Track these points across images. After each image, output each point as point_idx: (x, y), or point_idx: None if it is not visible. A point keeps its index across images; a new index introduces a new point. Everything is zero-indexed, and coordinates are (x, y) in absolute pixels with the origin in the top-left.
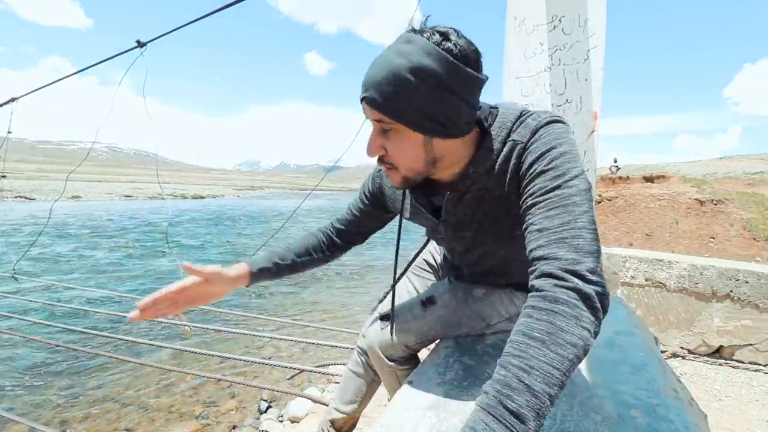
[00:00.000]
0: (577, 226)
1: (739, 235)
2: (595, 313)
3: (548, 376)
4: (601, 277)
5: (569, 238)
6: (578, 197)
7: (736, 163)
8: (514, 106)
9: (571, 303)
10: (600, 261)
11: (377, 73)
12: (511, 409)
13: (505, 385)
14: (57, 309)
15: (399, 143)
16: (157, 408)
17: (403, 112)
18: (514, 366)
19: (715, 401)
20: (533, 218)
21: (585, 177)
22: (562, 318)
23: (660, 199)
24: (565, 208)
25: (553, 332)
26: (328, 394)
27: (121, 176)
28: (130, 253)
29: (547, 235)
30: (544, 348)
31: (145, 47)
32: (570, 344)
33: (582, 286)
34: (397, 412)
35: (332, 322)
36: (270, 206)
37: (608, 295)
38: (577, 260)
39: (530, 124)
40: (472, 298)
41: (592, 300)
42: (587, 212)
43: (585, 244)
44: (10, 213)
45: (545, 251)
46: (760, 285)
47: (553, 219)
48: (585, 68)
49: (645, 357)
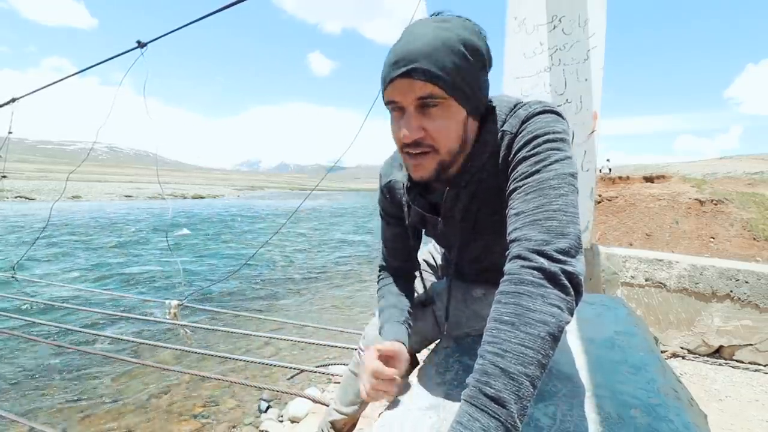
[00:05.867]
0: (552, 209)
1: (739, 235)
2: (564, 290)
3: (522, 357)
4: (572, 257)
5: (542, 219)
6: (556, 181)
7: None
8: (508, 98)
9: (536, 282)
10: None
11: (424, 45)
12: (490, 395)
13: (482, 372)
14: (57, 309)
15: (444, 120)
16: (157, 408)
17: (458, 84)
18: (488, 353)
19: (715, 401)
20: (513, 202)
21: (569, 162)
22: (528, 298)
23: (660, 199)
24: (541, 192)
25: (521, 313)
26: (328, 394)
27: (121, 176)
28: (130, 253)
29: (522, 218)
30: (514, 330)
31: (145, 47)
32: (540, 322)
33: (547, 265)
34: (397, 412)
35: (332, 322)
36: (270, 206)
37: (579, 274)
38: (547, 241)
39: (521, 115)
40: (472, 298)
41: (557, 277)
42: (564, 195)
43: (557, 225)
44: (11, 213)
45: (519, 234)
46: (760, 285)
47: (530, 202)
48: (585, 68)
49: (645, 357)
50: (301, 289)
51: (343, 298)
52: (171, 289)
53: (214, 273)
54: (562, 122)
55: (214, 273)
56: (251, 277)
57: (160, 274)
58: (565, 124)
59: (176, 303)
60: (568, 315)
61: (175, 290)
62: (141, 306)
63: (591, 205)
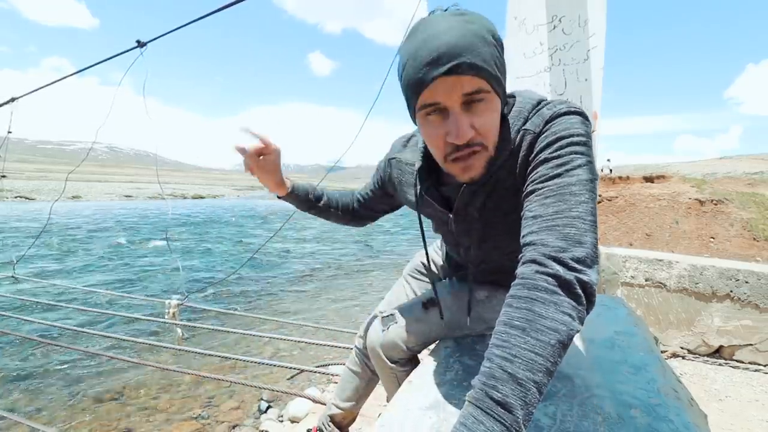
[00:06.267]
0: (571, 215)
1: (739, 235)
2: (577, 299)
3: (531, 363)
4: (588, 267)
5: (561, 226)
6: (577, 187)
7: (736, 163)
8: (532, 94)
9: (549, 289)
10: (592, 252)
11: (460, 38)
12: (497, 399)
13: (490, 376)
14: (57, 309)
15: (489, 114)
16: (157, 408)
17: (499, 74)
18: (497, 357)
19: (715, 401)
20: (530, 205)
21: (591, 168)
22: (541, 304)
23: (660, 199)
24: (561, 197)
25: (533, 319)
26: (328, 394)
27: (121, 176)
28: (130, 253)
29: (539, 222)
30: (525, 335)
31: (145, 47)
32: (551, 329)
33: (563, 272)
34: (397, 412)
35: (332, 322)
36: (270, 206)
37: (593, 284)
38: (564, 248)
39: (545, 114)
40: (475, 299)
41: (572, 286)
42: (585, 203)
43: (576, 233)
44: (10, 213)
45: (534, 237)
46: (760, 285)
47: (548, 207)
48: (585, 68)
49: (645, 357)
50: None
51: (343, 298)
52: (171, 289)
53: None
54: (587, 125)
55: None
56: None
57: (160, 274)
58: (589, 127)
59: (176, 303)
60: (579, 324)
61: (175, 290)
62: (141, 306)
63: None
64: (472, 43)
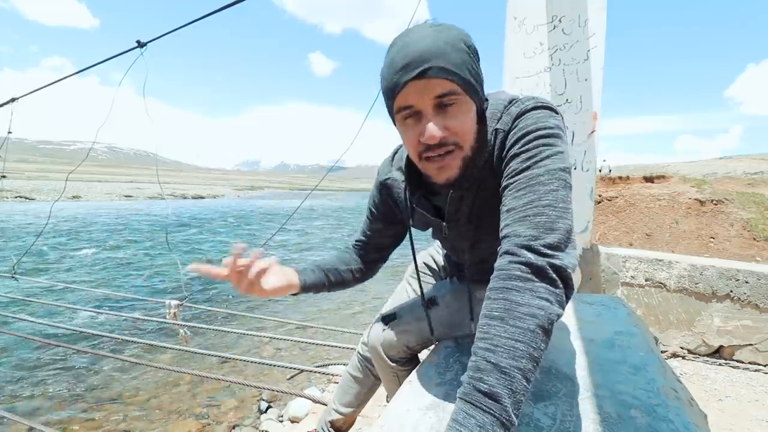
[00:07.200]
0: (541, 204)
1: (739, 235)
2: (552, 283)
3: (513, 351)
4: (561, 251)
5: (531, 215)
6: (545, 177)
7: (736, 163)
8: (504, 95)
9: (524, 277)
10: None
11: (431, 45)
12: (484, 390)
13: (476, 369)
14: (57, 309)
15: (462, 116)
16: (157, 408)
17: (469, 79)
18: (480, 349)
19: (715, 401)
20: (505, 199)
21: (561, 157)
22: (516, 293)
23: (660, 199)
24: (531, 188)
25: (510, 308)
26: (328, 394)
27: (121, 176)
28: (130, 253)
29: (512, 215)
30: (504, 324)
31: (145, 47)
32: (529, 315)
33: (534, 259)
34: (397, 412)
35: (332, 322)
36: (270, 206)
37: (567, 267)
38: (536, 236)
39: (513, 112)
40: (475, 299)
41: (545, 271)
42: (555, 191)
43: (546, 221)
44: (10, 213)
45: (509, 230)
46: (760, 285)
47: (520, 199)
48: (585, 68)
49: (645, 357)
50: None
51: (343, 298)
52: (171, 290)
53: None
54: (555, 117)
55: None
56: None
57: (160, 274)
58: (558, 119)
59: (176, 303)
60: (559, 308)
61: (176, 290)
62: (141, 306)
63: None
64: (442, 50)
